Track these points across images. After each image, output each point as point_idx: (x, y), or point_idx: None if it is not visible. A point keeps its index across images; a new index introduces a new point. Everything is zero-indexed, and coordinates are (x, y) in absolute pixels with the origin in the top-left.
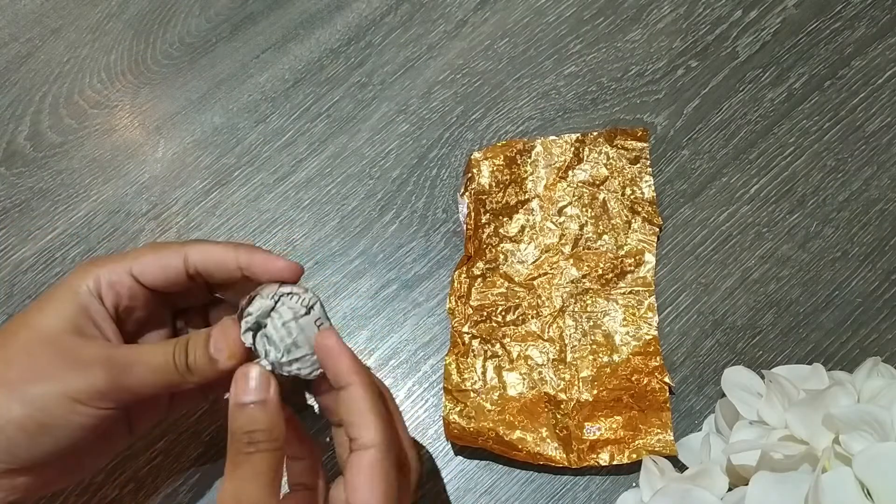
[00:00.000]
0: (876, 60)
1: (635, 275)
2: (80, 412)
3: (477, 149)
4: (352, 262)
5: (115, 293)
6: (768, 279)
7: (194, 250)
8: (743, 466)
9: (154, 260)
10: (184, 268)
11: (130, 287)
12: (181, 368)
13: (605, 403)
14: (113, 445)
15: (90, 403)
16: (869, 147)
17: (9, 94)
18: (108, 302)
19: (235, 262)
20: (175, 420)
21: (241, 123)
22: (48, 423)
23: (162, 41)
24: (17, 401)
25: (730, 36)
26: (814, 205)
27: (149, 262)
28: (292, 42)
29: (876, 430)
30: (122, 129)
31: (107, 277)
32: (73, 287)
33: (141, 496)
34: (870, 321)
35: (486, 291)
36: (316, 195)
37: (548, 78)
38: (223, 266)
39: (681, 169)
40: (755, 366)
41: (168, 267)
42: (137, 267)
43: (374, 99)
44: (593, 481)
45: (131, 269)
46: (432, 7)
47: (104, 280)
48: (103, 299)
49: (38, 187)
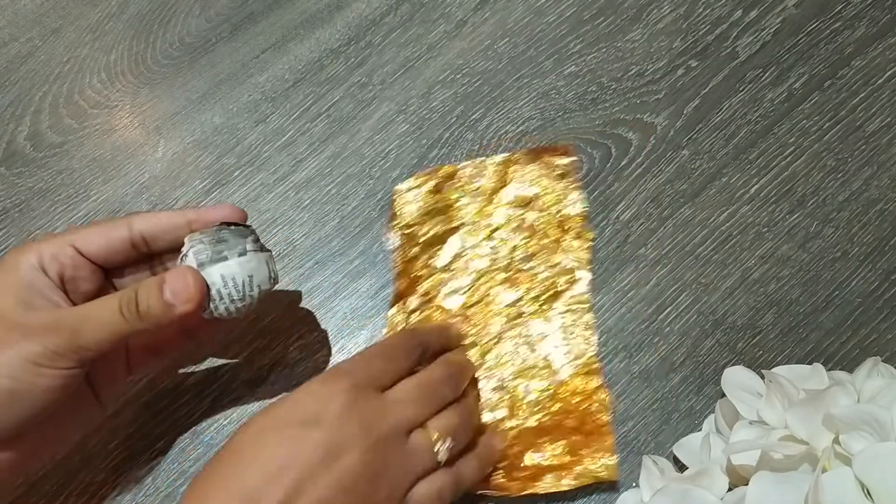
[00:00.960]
0: (876, 60)
1: (570, 293)
2: (45, 374)
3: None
4: (352, 262)
5: (59, 263)
6: (768, 279)
7: (140, 218)
8: (743, 466)
9: (96, 231)
10: (129, 236)
11: (73, 257)
12: (131, 317)
13: (547, 429)
14: (85, 415)
15: (51, 365)
16: (869, 147)
17: (9, 94)
18: (52, 272)
19: (184, 219)
20: (175, 420)
21: (240, 123)
22: (16, 390)
23: (162, 41)
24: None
25: (730, 36)
26: (814, 205)
27: (90, 233)
28: (292, 42)
29: (876, 430)
30: (122, 129)
31: (48, 250)
32: (14, 264)
33: (140, 497)
34: (870, 321)
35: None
36: (316, 195)
37: (548, 78)
38: (171, 227)
39: (681, 169)
40: (755, 366)
41: (112, 237)
42: (80, 240)
43: (374, 99)
44: None
45: (73, 241)
46: (432, 7)
47: (45, 253)
48: (46, 271)
49: (38, 187)
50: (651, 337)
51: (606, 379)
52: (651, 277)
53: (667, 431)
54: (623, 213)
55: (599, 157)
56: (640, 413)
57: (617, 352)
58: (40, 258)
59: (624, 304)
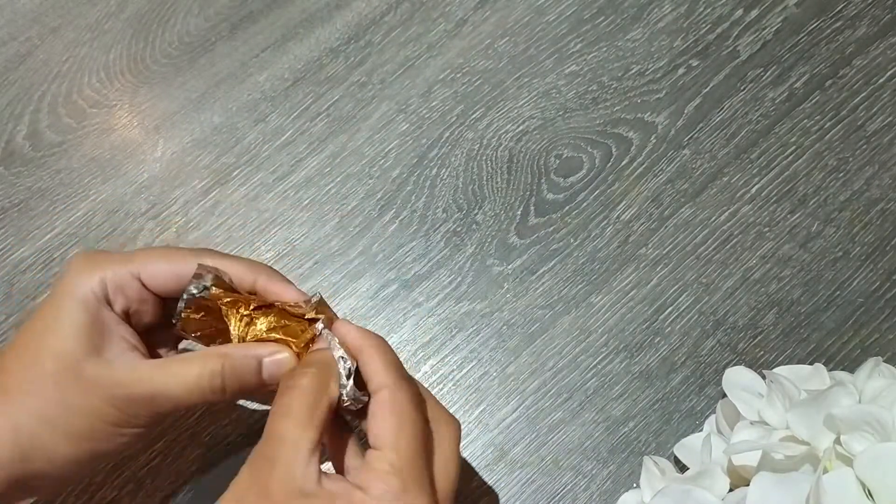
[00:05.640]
0: (877, 60)
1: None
2: (125, 433)
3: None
4: (351, 262)
5: (125, 297)
6: (769, 279)
7: (210, 261)
8: (744, 467)
9: (166, 266)
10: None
11: (139, 291)
12: (214, 392)
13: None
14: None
15: (129, 425)
16: (870, 146)
17: (7, 94)
18: (118, 307)
19: (252, 283)
20: (175, 420)
21: (240, 123)
22: (98, 450)
23: (161, 40)
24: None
25: (731, 35)
26: (815, 204)
27: (160, 268)
28: (292, 41)
29: (877, 430)
30: (121, 129)
31: (112, 280)
32: (79, 295)
33: (140, 497)
34: (871, 321)
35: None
36: (315, 195)
37: (548, 77)
38: (238, 283)
39: (682, 168)
40: (756, 366)
41: (181, 276)
42: (146, 273)
43: (373, 98)
44: (594, 482)
45: (140, 274)
46: (432, 6)
47: (111, 284)
48: (112, 304)
49: (37, 187)
50: (652, 337)
51: (607, 379)
52: (652, 277)
53: (668, 432)
54: (624, 212)
55: (600, 156)
56: (641, 413)
57: (618, 352)
58: (104, 289)
59: (625, 304)
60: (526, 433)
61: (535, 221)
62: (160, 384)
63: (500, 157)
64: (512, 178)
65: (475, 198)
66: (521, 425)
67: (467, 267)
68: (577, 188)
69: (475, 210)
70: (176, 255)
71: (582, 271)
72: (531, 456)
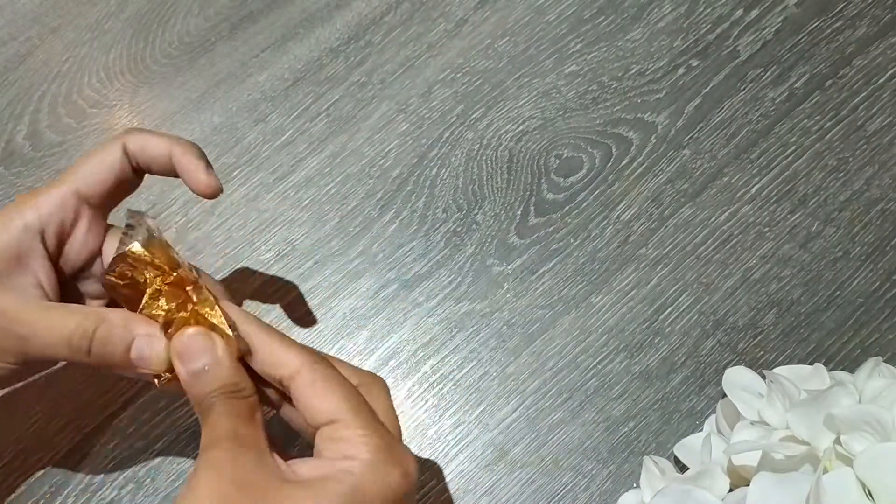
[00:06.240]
0: (877, 60)
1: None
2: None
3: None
4: (351, 262)
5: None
6: (769, 279)
7: (132, 139)
8: (744, 467)
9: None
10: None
11: (76, 210)
12: (80, 351)
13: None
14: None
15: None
16: (870, 146)
17: (7, 94)
18: (51, 235)
19: (167, 156)
20: (174, 420)
21: (240, 123)
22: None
23: (161, 40)
24: None
25: (731, 35)
26: (815, 204)
27: (91, 167)
28: (292, 41)
29: (877, 430)
30: (121, 129)
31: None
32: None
33: (140, 497)
34: (871, 321)
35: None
36: (315, 195)
37: (548, 77)
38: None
39: (682, 168)
40: (756, 366)
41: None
42: (82, 180)
43: (373, 98)
44: (594, 482)
45: (78, 188)
46: (432, 6)
47: (45, 210)
48: (45, 235)
49: (37, 187)
50: (652, 337)
51: (607, 379)
52: (652, 277)
53: (668, 432)
54: (624, 212)
55: (600, 156)
56: (641, 413)
57: (618, 352)
58: (38, 217)
59: (625, 304)
60: (526, 433)
61: (535, 221)
62: (39, 327)
63: (500, 157)
64: (512, 178)
65: (475, 198)
66: (521, 425)
67: (467, 267)
68: (577, 188)
69: (475, 210)
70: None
71: (582, 271)
72: (531, 456)
